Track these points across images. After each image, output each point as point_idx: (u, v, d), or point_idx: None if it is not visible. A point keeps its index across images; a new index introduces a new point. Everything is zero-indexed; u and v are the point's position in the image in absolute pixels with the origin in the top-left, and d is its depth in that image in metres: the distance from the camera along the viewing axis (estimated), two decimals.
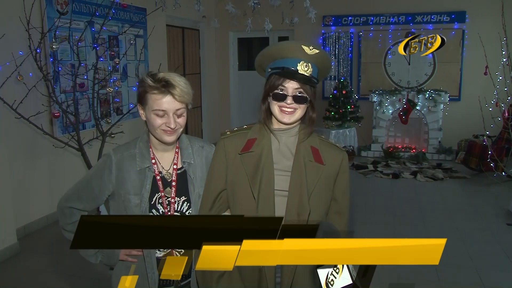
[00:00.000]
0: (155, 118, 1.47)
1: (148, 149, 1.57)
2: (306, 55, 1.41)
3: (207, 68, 7.94)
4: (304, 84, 1.40)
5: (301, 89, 1.41)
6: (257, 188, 1.41)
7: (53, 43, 3.71)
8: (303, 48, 1.40)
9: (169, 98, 1.45)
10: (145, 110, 1.51)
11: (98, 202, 1.59)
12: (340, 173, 1.52)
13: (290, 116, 1.42)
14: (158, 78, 1.45)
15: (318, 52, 1.42)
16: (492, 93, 5.49)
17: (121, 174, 1.53)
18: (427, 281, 3.21)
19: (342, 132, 6.98)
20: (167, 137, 1.50)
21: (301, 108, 1.43)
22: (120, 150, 1.58)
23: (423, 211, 4.72)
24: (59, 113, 3.73)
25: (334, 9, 7.63)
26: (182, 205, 1.57)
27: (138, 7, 5.58)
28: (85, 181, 1.59)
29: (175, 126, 1.48)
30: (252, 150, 1.46)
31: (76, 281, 3.28)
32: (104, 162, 1.56)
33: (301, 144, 1.48)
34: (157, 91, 1.44)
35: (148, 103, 1.47)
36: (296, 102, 1.41)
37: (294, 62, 1.40)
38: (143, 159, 1.55)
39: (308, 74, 1.41)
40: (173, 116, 1.47)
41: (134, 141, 1.60)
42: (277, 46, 1.45)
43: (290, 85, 1.40)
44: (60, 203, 1.60)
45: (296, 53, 1.41)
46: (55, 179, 4.44)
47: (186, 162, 1.59)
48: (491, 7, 6.63)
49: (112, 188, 1.55)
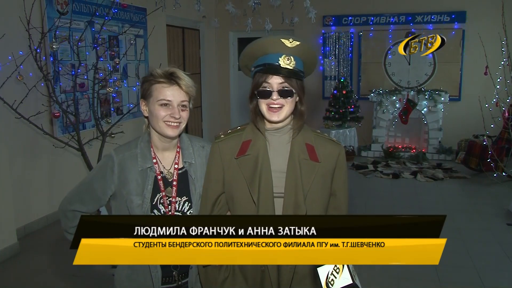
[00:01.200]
0: (159, 109, 1.48)
1: (149, 149, 1.57)
2: (287, 48, 1.38)
3: (207, 68, 7.94)
4: (288, 77, 1.38)
5: (286, 83, 1.38)
6: (256, 192, 1.40)
7: (53, 43, 3.71)
8: (282, 42, 1.38)
9: (176, 87, 1.49)
10: (148, 104, 1.52)
11: (101, 203, 1.58)
12: (337, 168, 1.49)
13: (278, 114, 1.40)
14: (166, 70, 1.51)
15: (299, 43, 1.39)
16: (492, 93, 5.49)
17: (123, 175, 1.53)
18: (427, 281, 3.21)
19: (342, 132, 6.98)
20: (170, 130, 1.50)
21: (289, 104, 1.40)
22: (122, 150, 1.57)
23: (423, 211, 4.72)
24: (59, 113, 3.73)
25: (334, 9, 7.63)
26: (183, 205, 1.57)
27: (138, 7, 5.59)
28: (87, 183, 1.58)
29: (179, 117, 1.48)
30: (248, 153, 1.44)
31: (76, 281, 3.28)
32: (106, 163, 1.56)
33: (295, 141, 1.46)
34: (164, 80, 1.49)
35: (153, 94, 1.49)
36: (282, 96, 1.38)
37: (275, 57, 1.38)
38: (145, 159, 1.54)
39: (292, 67, 1.38)
40: (177, 108, 1.49)
41: (135, 141, 1.60)
42: (257, 43, 1.43)
43: (274, 81, 1.38)
44: (62, 206, 1.58)
45: (276, 47, 1.39)
46: (55, 179, 4.44)
47: (187, 162, 1.59)
48: (491, 7, 6.63)
49: (114, 188, 1.55)
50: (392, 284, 3.18)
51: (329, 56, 7.78)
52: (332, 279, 0.92)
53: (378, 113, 7.20)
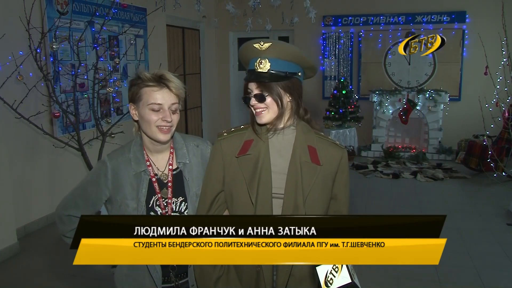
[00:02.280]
0: (150, 113, 1.46)
1: (142, 152, 1.56)
2: (260, 52, 1.39)
3: (207, 68, 7.94)
4: (259, 81, 1.38)
5: (260, 87, 1.39)
6: (254, 192, 1.39)
7: (53, 43, 3.71)
8: (254, 46, 1.39)
9: (166, 90, 1.47)
10: (138, 108, 1.50)
11: (96, 208, 1.59)
12: (339, 172, 1.48)
13: (261, 117, 1.41)
14: (154, 73, 1.49)
15: (270, 44, 1.38)
16: (492, 93, 5.48)
17: (117, 180, 1.53)
18: (427, 281, 3.21)
19: (342, 132, 6.97)
20: (162, 135, 1.49)
21: (270, 106, 1.40)
22: (115, 155, 1.57)
23: (423, 211, 4.72)
24: (59, 113, 3.73)
25: (334, 9, 7.63)
26: (180, 205, 1.56)
27: (138, 7, 5.59)
28: (81, 188, 1.58)
29: (171, 120, 1.47)
30: (249, 153, 1.44)
31: (76, 281, 3.28)
32: (99, 169, 1.56)
33: (297, 143, 1.45)
34: (153, 83, 1.46)
35: (143, 98, 1.47)
36: (258, 101, 1.39)
37: (252, 62, 1.40)
38: (138, 163, 1.54)
39: (266, 70, 1.38)
40: (168, 111, 1.47)
41: (127, 145, 1.60)
42: (240, 50, 1.45)
43: (252, 86, 1.41)
44: (58, 211, 1.59)
45: (250, 53, 1.41)
46: (55, 179, 4.44)
47: (181, 162, 1.58)
48: (491, 7, 6.63)
49: (109, 193, 1.55)
50: (392, 284, 3.18)
51: (329, 56, 7.78)
52: (331, 278, 0.92)
53: (378, 113, 7.20)
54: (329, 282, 0.91)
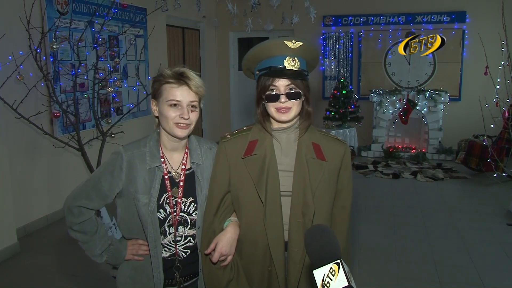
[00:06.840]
0: (168, 109, 1.48)
1: (158, 148, 1.57)
2: (291, 50, 1.39)
3: (207, 68, 7.94)
4: (294, 79, 1.39)
5: (292, 85, 1.39)
6: (263, 191, 1.40)
7: (53, 43, 3.71)
8: (286, 44, 1.38)
9: (185, 88, 1.49)
10: (159, 104, 1.52)
11: (107, 200, 1.57)
12: (343, 168, 1.51)
13: (287, 114, 1.41)
14: (175, 70, 1.51)
15: (301, 44, 1.39)
16: (492, 93, 5.49)
17: (131, 172, 1.53)
18: (427, 281, 3.21)
19: (342, 132, 6.97)
20: (180, 131, 1.50)
21: (296, 104, 1.41)
22: (131, 148, 1.57)
23: (423, 211, 4.72)
24: (59, 113, 3.73)
25: (334, 9, 7.64)
26: (189, 206, 1.57)
27: (138, 7, 5.59)
28: (94, 179, 1.57)
29: (188, 117, 1.49)
30: (255, 153, 1.45)
31: (76, 281, 3.28)
32: (114, 160, 1.55)
33: (302, 140, 1.47)
34: (174, 80, 1.48)
35: (163, 94, 1.49)
36: (290, 99, 1.39)
37: (280, 59, 1.39)
38: (153, 158, 1.54)
39: (297, 68, 1.39)
40: (187, 108, 1.49)
41: (144, 140, 1.60)
42: (261, 46, 1.43)
43: (280, 83, 1.39)
44: (68, 202, 1.56)
45: (280, 50, 1.39)
46: (55, 179, 4.44)
47: (194, 163, 1.59)
48: (491, 7, 6.64)
49: (122, 185, 1.54)
50: (392, 284, 3.18)
51: (329, 56, 7.78)
52: (328, 281, 0.92)
53: (378, 113, 7.20)
54: (326, 286, 0.91)
